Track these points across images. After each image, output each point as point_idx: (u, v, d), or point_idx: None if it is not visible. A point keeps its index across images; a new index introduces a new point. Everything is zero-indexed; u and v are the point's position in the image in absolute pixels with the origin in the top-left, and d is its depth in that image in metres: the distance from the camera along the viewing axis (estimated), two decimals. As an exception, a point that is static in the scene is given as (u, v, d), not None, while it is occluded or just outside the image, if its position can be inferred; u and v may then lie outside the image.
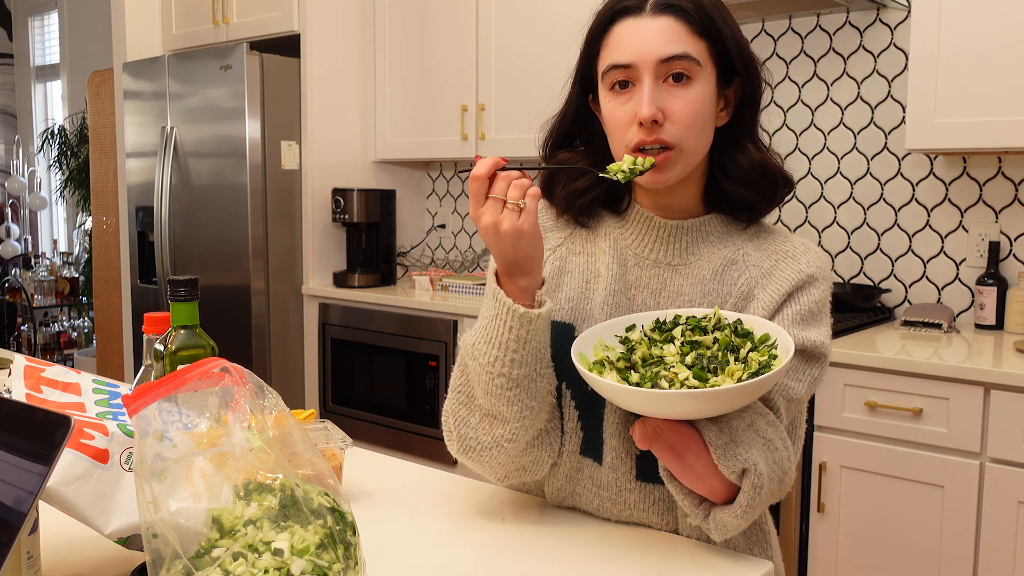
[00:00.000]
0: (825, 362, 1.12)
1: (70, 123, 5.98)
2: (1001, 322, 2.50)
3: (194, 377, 0.80)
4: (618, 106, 1.09)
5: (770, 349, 1.00)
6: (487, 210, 0.99)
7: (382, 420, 3.31)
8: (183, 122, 3.62)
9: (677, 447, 0.99)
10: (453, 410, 1.12)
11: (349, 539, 0.78)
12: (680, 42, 1.06)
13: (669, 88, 1.07)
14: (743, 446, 0.99)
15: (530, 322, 1.02)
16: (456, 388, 1.12)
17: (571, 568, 1.01)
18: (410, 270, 3.84)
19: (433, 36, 3.42)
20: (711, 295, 1.13)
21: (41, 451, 0.76)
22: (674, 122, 1.06)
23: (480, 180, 0.99)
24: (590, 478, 1.14)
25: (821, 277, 1.13)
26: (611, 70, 1.09)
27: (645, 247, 1.17)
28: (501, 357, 1.03)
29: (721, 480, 1.01)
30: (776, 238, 1.17)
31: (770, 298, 1.11)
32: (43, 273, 5.85)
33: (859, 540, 2.22)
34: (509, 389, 1.05)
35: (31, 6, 6.53)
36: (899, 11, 2.67)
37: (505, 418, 1.07)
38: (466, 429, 1.10)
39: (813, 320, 1.11)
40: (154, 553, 0.74)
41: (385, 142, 3.64)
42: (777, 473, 1.03)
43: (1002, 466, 2.02)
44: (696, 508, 1.03)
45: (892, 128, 2.72)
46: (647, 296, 1.15)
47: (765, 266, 1.14)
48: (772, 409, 1.07)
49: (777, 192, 1.15)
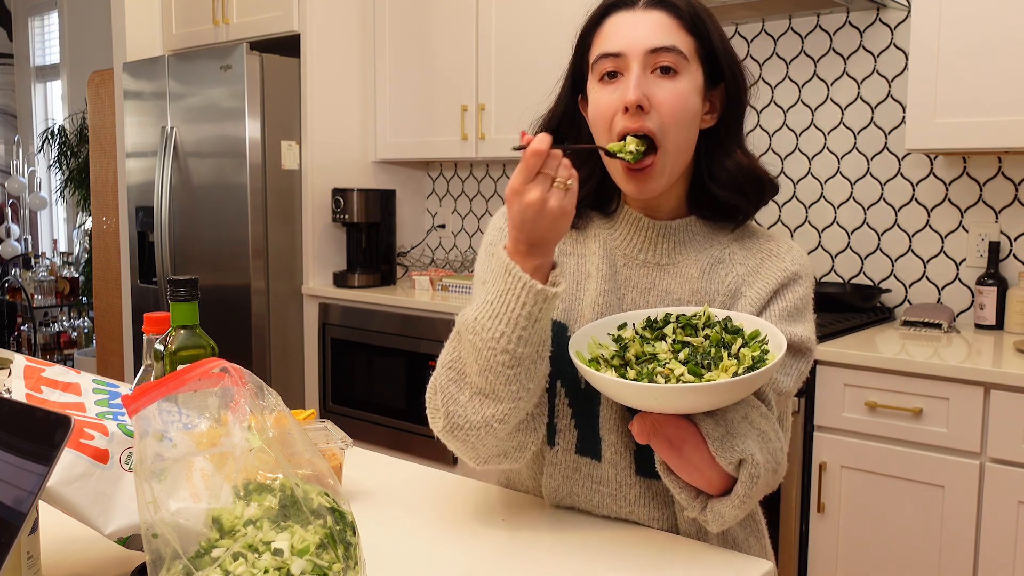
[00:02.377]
0: (811, 356, 1.15)
1: (70, 123, 5.98)
2: (1001, 322, 2.50)
3: (194, 377, 0.80)
4: (605, 95, 1.10)
5: (761, 344, 1.03)
6: (536, 185, 0.98)
7: (382, 420, 3.31)
8: (183, 122, 3.62)
9: (675, 440, 1.01)
10: (442, 386, 1.07)
11: (349, 539, 0.78)
12: (669, 35, 1.09)
13: (656, 79, 1.08)
14: (739, 437, 1.02)
15: (545, 300, 1.00)
16: (446, 364, 1.08)
17: (571, 568, 1.01)
18: (410, 270, 3.84)
19: (433, 36, 3.42)
20: (699, 293, 1.15)
21: (41, 451, 0.76)
22: (659, 111, 1.08)
23: (541, 155, 0.97)
24: (589, 476, 1.15)
25: (804, 275, 1.17)
26: (601, 59, 1.11)
27: (634, 247, 1.18)
28: (508, 333, 1.00)
29: (718, 472, 1.03)
30: (759, 237, 1.20)
31: (757, 295, 1.13)
32: (43, 273, 5.85)
33: (859, 540, 2.22)
34: (510, 367, 1.02)
35: (31, 6, 6.53)
36: (899, 11, 2.67)
37: (500, 397, 1.03)
38: (455, 407, 1.06)
39: (799, 316, 1.14)
40: (154, 553, 0.74)
41: (385, 142, 3.64)
42: (771, 463, 1.05)
43: (1002, 466, 2.02)
44: (693, 501, 1.05)
45: (892, 128, 2.72)
46: (636, 295, 1.17)
47: (751, 264, 1.16)
48: (764, 402, 1.10)
49: (763, 196, 1.17)
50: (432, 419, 1.09)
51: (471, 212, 3.80)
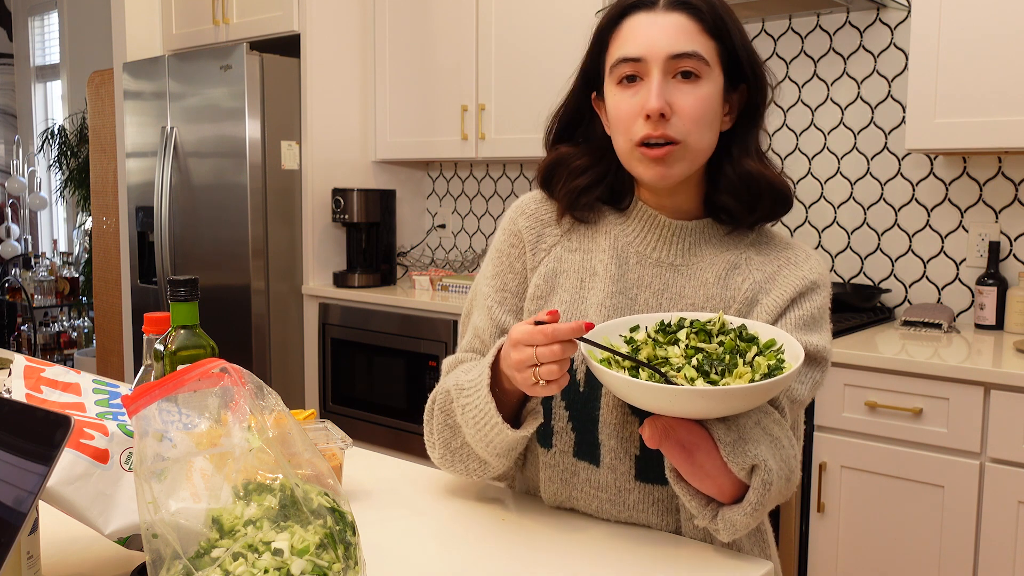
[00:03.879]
0: (827, 366, 1.13)
1: (70, 123, 5.98)
2: (1001, 322, 2.50)
3: (194, 377, 0.80)
4: (625, 99, 1.09)
5: (777, 354, 1.01)
6: (529, 349, 0.97)
7: (382, 420, 3.31)
8: (183, 122, 3.62)
9: (688, 445, 0.98)
10: (438, 430, 1.15)
11: (349, 539, 0.78)
12: (691, 40, 1.06)
13: (677, 84, 1.06)
14: (752, 443, 0.99)
15: (508, 439, 1.07)
16: (443, 410, 1.14)
17: (571, 568, 1.01)
18: (410, 270, 3.84)
19: (433, 36, 3.42)
20: (715, 299, 1.13)
21: (41, 451, 0.76)
22: (681, 118, 1.06)
23: (561, 337, 0.95)
24: (587, 480, 1.14)
25: (822, 284, 1.15)
26: (620, 63, 1.08)
27: (648, 245, 1.16)
28: (473, 436, 1.10)
29: (730, 478, 1.00)
30: (778, 243, 1.18)
31: (774, 303, 1.12)
32: (43, 273, 5.85)
33: (859, 540, 2.22)
34: (489, 455, 1.11)
35: (31, 6, 6.53)
36: (899, 11, 2.67)
37: (483, 460, 1.14)
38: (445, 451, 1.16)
39: (816, 325, 1.12)
40: (154, 553, 0.74)
41: (385, 142, 3.64)
42: (785, 471, 1.03)
43: (1002, 466, 2.02)
44: (704, 509, 1.03)
45: (892, 128, 2.72)
46: (649, 296, 1.15)
47: (768, 271, 1.14)
48: (777, 409, 1.08)
49: (759, 204, 1.13)
50: (429, 447, 1.19)
51: (471, 212, 3.80)
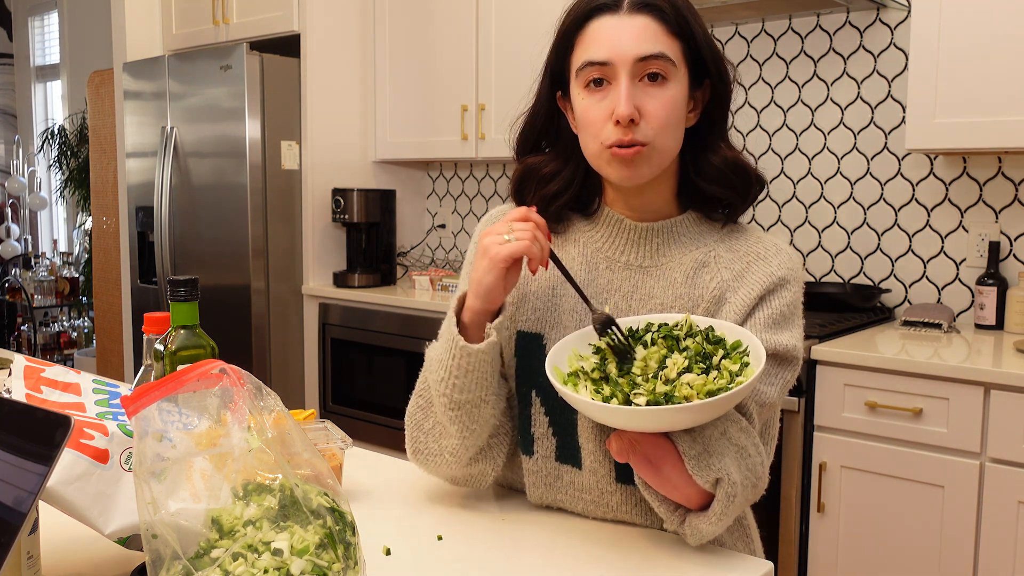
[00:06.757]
0: (797, 365, 1.12)
1: (70, 123, 5.98)
2: (1001, 322, 2.50)
3: (193, 378, 0.80)
4: (593, 103, 1.08)
5: (742, 356, 1.01)
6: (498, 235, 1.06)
7: (382, 420, 3.31)
8: (183, 122, 3.62)
9: (653, 459, 1.00)
10: (411, 412, 1.18)
11: (349, 539, 0.78)
12: (657, 42, 1.06)
13: (645, 87, 1.06)
14: (716, 456, 1.00)
15: (470, 355, 1.06)
16: (417, 392, 1.18)
17: (571, 567, 1.01)
18: (410, 270, 3.84)
19: (433, 36, 3.42)
20: (683, 299, 1.13)
21: (41, 451, 0.76)
22: (649, 122, 1.06)
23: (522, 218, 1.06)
24: (571, 483, 1.15)
25: (792, 279, 1.13)
26: (587, 67, 1.08)
27: (616, 249, 1.16)
28: (446, 379, 1.09)
29: (696, 488, 1.01)
30: (748, 238, 1.16)
31: (742, 302, 1.10)
32: (43, 273, 5.85)
33: (859, 540, 2.22)
34: (452, 410, 1.10)
35: (31, 6, 6.53)
36: (899, 11, 2.67)
37: (449, 432, 1.13)
38: (418, 433, 1.17)
39: (785, 324, 1.11)
40: (154, 553, 0.74)
41: (385, 142, 3.64)
42: (751, 479, 1.04)
43: (1002, 466, 2.02)
44: (672, 515, 1.04)
45: (892, 128, 2.72)
46: (619, 299, 1.15)
47: (736, 268, 1.13)
48: (744, 415, 1.07)
49: (751, 189, 1.15)
50: (406, 440, 1.20)
51: (471, 212, 3.80)
